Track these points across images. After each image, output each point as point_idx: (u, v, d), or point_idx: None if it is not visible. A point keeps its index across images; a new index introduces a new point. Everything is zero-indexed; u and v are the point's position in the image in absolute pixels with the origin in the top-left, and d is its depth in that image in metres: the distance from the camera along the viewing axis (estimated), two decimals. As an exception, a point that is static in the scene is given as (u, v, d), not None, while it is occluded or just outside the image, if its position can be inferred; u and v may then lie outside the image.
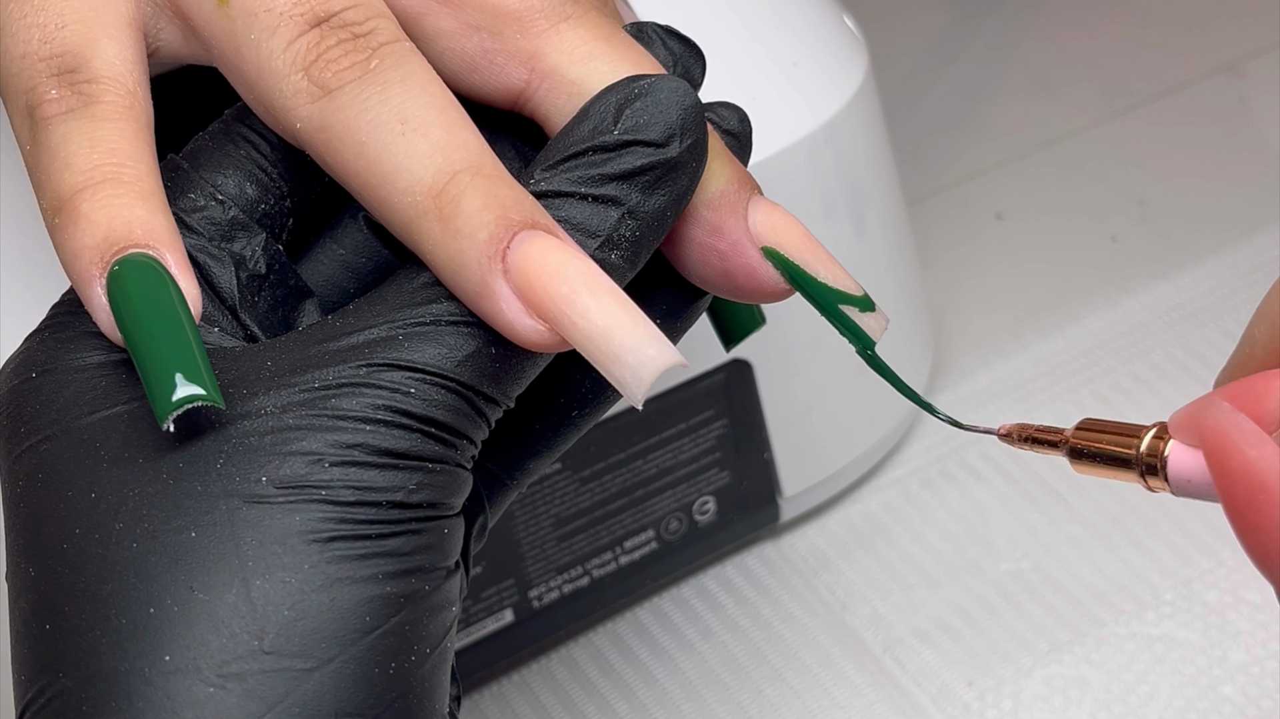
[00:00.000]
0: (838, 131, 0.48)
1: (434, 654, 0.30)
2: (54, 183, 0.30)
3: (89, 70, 0.31)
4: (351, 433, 0.29)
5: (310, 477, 0.29)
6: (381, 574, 0.29)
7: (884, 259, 0.52)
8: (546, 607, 0.49)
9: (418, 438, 0.29)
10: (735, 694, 0.50)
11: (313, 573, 0.28)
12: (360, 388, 0.29)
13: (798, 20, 0.50)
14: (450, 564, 0.30)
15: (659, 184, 0.31)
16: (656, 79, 0.31)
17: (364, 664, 0.28)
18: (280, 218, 0.33)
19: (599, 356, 0.29)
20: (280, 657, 0.28)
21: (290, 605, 0.28)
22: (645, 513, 0.50)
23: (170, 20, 0.32)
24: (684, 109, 0.31)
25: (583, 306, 0.29)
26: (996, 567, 0.52)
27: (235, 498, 0.28)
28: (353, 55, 0.30)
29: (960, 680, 0.49)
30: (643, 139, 0.30)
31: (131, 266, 0.29)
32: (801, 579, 0.53)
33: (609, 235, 0.30)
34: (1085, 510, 0.54)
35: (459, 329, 0.30)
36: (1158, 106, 0.69)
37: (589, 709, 0.50)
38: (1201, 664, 0.49)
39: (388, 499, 0.29)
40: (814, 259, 0.32)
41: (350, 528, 0.29)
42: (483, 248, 0.29)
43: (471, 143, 0.30)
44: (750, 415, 0.50)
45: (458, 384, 0.30)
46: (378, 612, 0.29)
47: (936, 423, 0.57)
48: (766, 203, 0.32)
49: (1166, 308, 0.60)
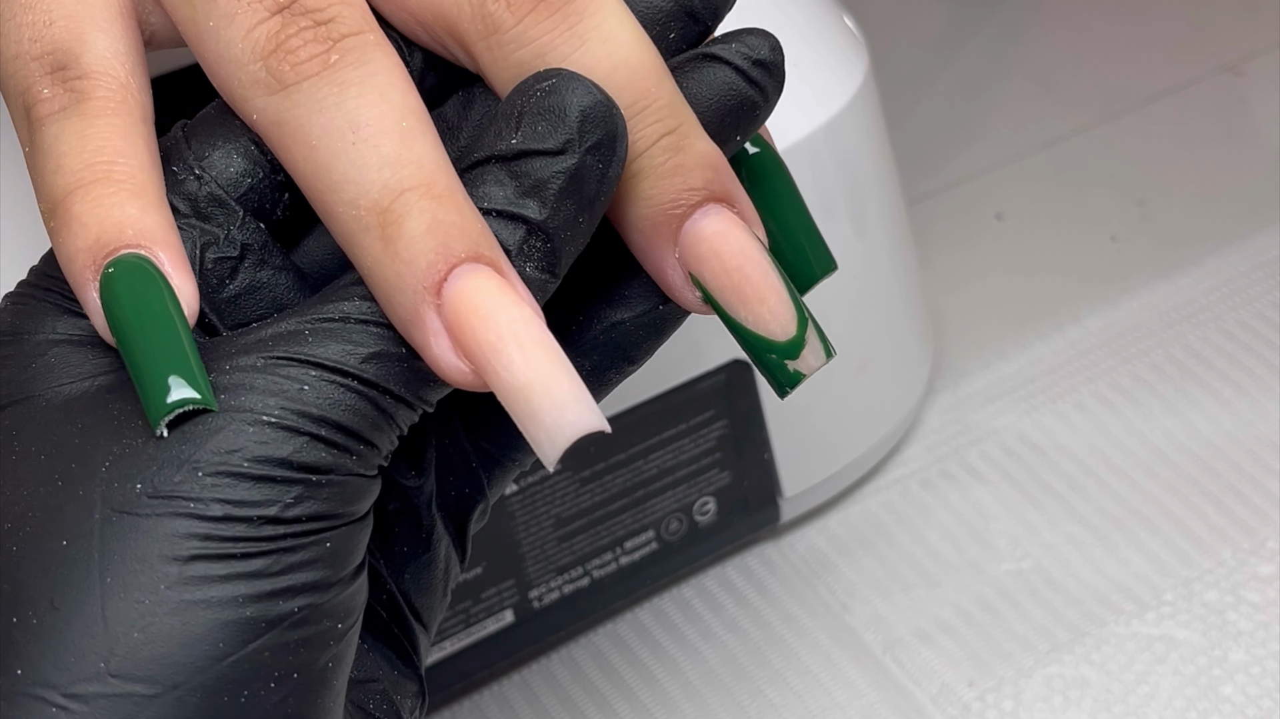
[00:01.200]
0: (838, 131, 0.48)
1: (303, 679, 0.28)
2: (48, 185, 0.29)
3: (79, 66, 0.30)
4: (232, 436, 0.27)
5: (181, 487, 0.27)
6: (242, 597, 0.27)
7: (884, 259, 0.52)
8: (547, 607, 0.49)
9: (305, 441, 0.28)
10: (736, 695, 0.50)
11: (168, 594, 0.27)
12: (253, 384, 0.28)
13: (798, 20, 0.50)
14: (341, 576, 0.29)
15: (563, 194, 0.29)
16: (560, 77, 0.29)
17: (211, 693, 0.27)
18: (271, 194, 0.31)
19: (518, 413, 0.28)
20: (124, 680, 0.27)
21: (140, 628, 0.27)
22: (645, 513, 0.50)
23: (155, 5, 0.31)
24: (583, 109, 0.29)
25: (508, 358, 0.28)
26: (997, 567, 0.52)
27: (109, 507, 0.27)
28: (312, 46, 0.29)
29: (961, 681, 0.49)
30: (537, 148, 0.29)
31: (123, 269, 0.28)
32: (802, 580, 0.53)
33: (519, 248, 0.29)
34: (1085, 510, 0.54)
35: (368, 327, 0.28)
36: (1158, 106, 0.69)
37: (589, 709, 0.50)
38: (1201, 664, 0.49)
39: (259, 514, 0.27)
40: (735, 298, 0.30)
41: (215, 545, 0.27)
42: (420, 276, 0.28)
43: (426, 159, 0.28)
44: (750, 415, 0.50)
45: (360, 382, 0.28)
46: (232, 638, 0.27)
47: (937, 423, 0.57)
48: (711, 218, 0.30)
49: (1166, 308, 0.60)
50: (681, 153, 0.30)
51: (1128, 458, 0.55)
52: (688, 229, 0.30)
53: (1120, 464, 0.55)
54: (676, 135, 0.30)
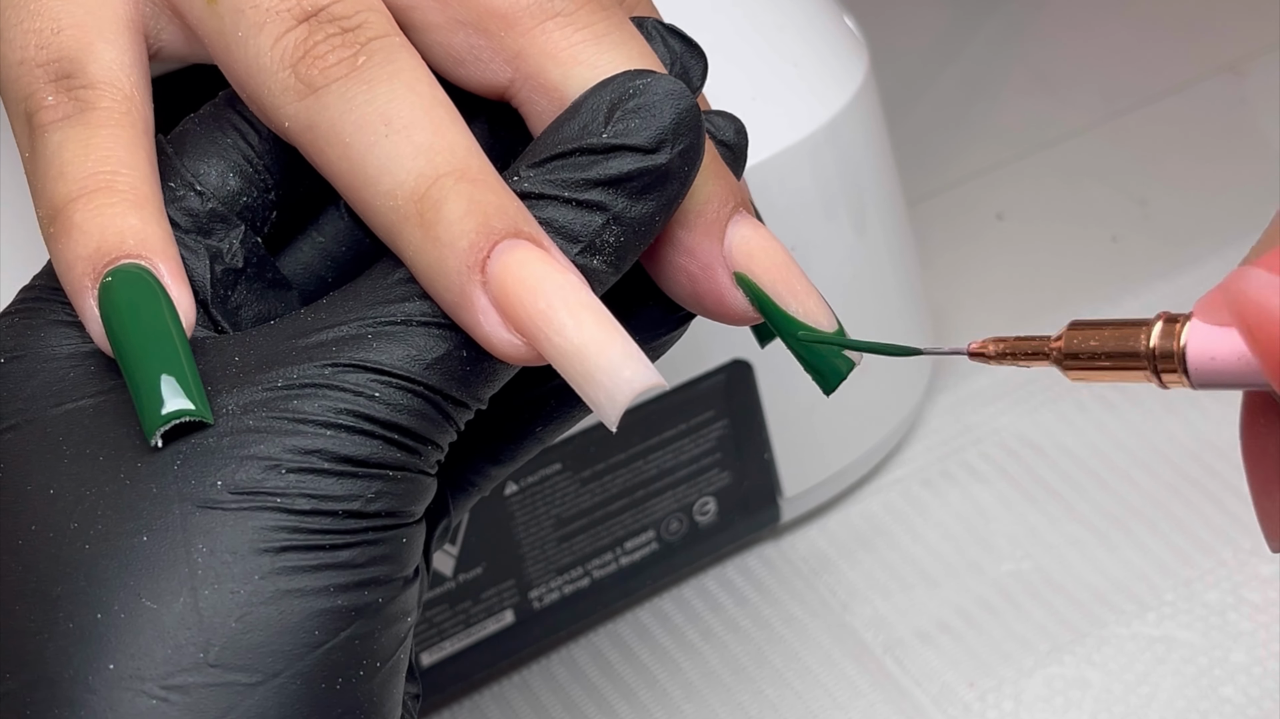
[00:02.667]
0: (838, 131, 0.48)
1: (384, 668, 0.29)
2: (49, 192, 0.30)
3: (85, 75, 0.30)
4: (311, 438, 0.28)
5: (266, 483, 0.28)
6: (333, 587, 0.28)
7: (884, 259, 0.52)
8: (547, 607, 0.49)
9: (379, 444, 0.29)
10: (736, 695, 0.50)
11: (262, 584, 0.28)
12: (323, 389, 0.28)
13: (798, 20, 0.50)
14: (408, 573, 0.30)
15: (647, 191, 0.30)
16: (652, 78, 0.30)
17: (310, 680, 0.28)
18: (263, 210, 0.32)
19: (574, 376, 0.28)
20: (225, 670, 0.27)
21: (238, 618, 0.27)
22: (645, 513, 0.50)
23: (170, 20, 0.32)
24: (678, 112, 0.30)
25: (559, 323, 0.28)
26: (997, 567, 0.52)
27: (189, 502, 0.28)
28: (340, 51, 0.29)
29: (961, 681, 0.49)
30: (632, 144, 0.29)
31: (122, 278, 0.29)
32: (802, 580, 0.53)
33: (591, 241, 0.29)
34: (1086, 510, 0.54)
35: (429, 330, 0.29)
36: (1158, 106, 0.69)
37: (590, 710, 0.50)
38: (1202, 665, 0.49)
39: (344, 508, 0.28)
40: (786, 290, 0.31)
41: (304, 538, 0.28)
42: (462, 256, 0.28)
43: (458, 145, 0.29)
44: (751, 415, 0.50)
45: (425, 388, 0.29)
46: (327, 626, 0.28)
47: (937, 423, 0.57)
48: (749, 223, 0.31)
49: (1167, 307, 0.60)
50: (711, 165, 0.31)
51: (1128, 458, 0.55)
52: (735, 227, 0.31)
53: (1120, 464, 0.55)
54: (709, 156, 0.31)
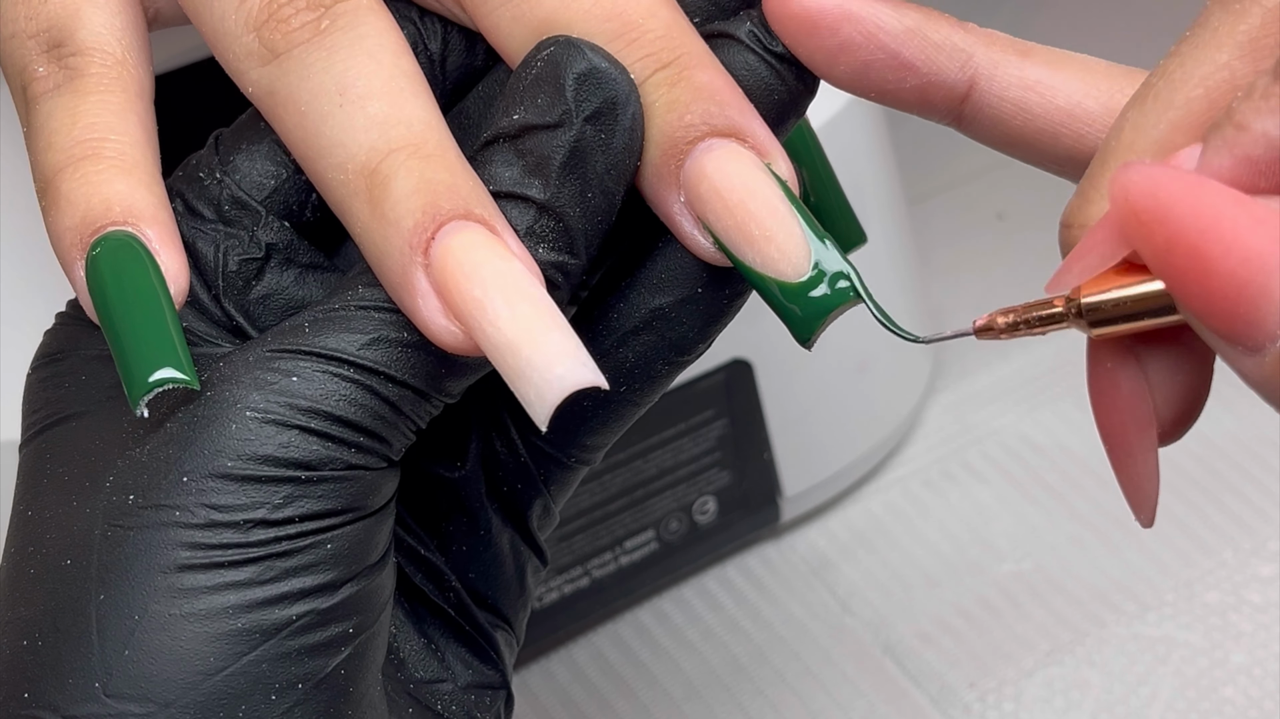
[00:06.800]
0: (838, 131, 0.48)
1: (309, 689, 0.27)
2: (40, 163, 0.29)
3: (74, 43, 0.29)
4: (216, 436, 0.26)
5: (168, 494, 0.26)
6: (231, 607, 0.26)
7: (884, 259, 0.52)
8: (547, 607, 0.49)
9: (294, 435, 0.26)
10: (736, 695, 0.50)
11: (155, 609, 0.26)
12: (240, 378, 0.27)
13: (798, 20, 0.50)
14: (352, 574, 0.27)
15: (565, 170, 0.27)
16: (557, 44, 0.27)
17: (204, 710, 0.26)
18: (297, 194, 0.30)
19: (506, 370, 0.26)
20: (119, 700, 0.26)
21: (131, 645, 0.26)
22: (645, 513, 0.50)
23: None
24: (576, 78, 0.27)
25: (494, 313, 0.26)
26: (998, 567, 0.52)
27: (108, 521, 0.26)
28: (304, 14, 0.28)
29: (961, 681, 0.49)
30: (537, 123, 0.27)
31: (109, 246, 0.28)
32: (802, 580, 0.53)
33: (529, 230, 0.27)
34: (1086, 510, 0.54)
35: (369, 313, 0.27)
36: (1158, 106, 0.69)
37: (590, 709, 0.49)
38: (1203, 665, 0.49)
39: (245, 518, 0.26)
40: (740, 238, 0.27)
41: (202, 554, 0.26)
42: (406, 236, 0.26)
43: (415, 119, 0.27)
44: (750, 415, 0.50)
45: (357, 370, 0.27)
46: (222, 651, 0.26)
47: (938, 423, 0.57)
48: (710, 154, 0.28)
49: (1167, 308, 0.60)
50: (677, 86, 0.28)
51: (1128, 458, 0.55)
52: (688, 168, 0.28)
53: (1121, 464, 0.55)
54: (672, 69, 0.28)
